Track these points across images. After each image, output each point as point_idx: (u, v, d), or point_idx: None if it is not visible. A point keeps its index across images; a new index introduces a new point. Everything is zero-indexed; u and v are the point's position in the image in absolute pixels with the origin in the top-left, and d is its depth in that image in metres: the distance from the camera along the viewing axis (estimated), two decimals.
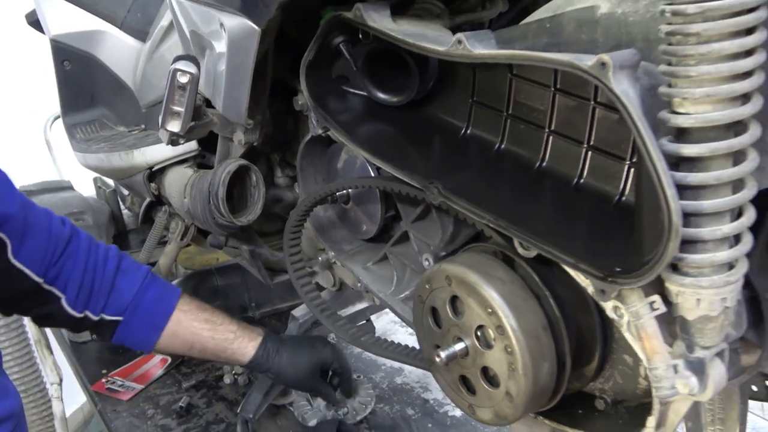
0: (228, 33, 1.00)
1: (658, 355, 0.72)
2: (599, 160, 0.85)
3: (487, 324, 0.85)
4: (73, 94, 2.01)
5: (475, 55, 0.80)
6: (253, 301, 2.06)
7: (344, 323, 1.27)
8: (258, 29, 0.96)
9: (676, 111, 0.65)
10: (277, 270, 1.56)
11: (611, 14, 0.79)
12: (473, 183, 0.91)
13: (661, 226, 0.66)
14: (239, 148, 1.33)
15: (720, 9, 0.60)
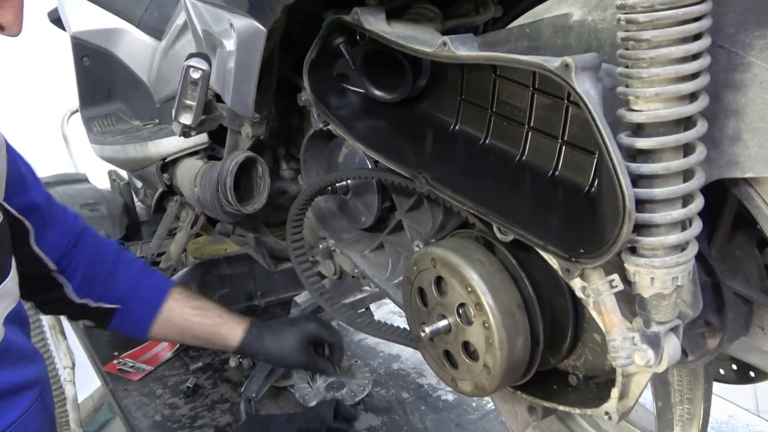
0: (237, 33, 1.08)
1: (615, 328, 0.80)
2: (572, 154, 0.93)
3: (467, 302, 0.93)
4: (91, 89, 2.11)
5: (458, 56, 0.88)
6: (259, 290, 2.15)
7: (341, 306, 1.35)
8: (264, 30, 1.05)
9: (631, 108, 0.73)
10: (280, 258, 1.64)
11: (583, 21, 0.87)
12: (459, 174, 0.99)
13: (617, 211, 0.74)
14: (247, 141, 1.42)
15: (668, 18, 0.68)
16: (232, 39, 1.11)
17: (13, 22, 0.93)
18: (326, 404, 1.52)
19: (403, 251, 1.28)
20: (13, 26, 0.93)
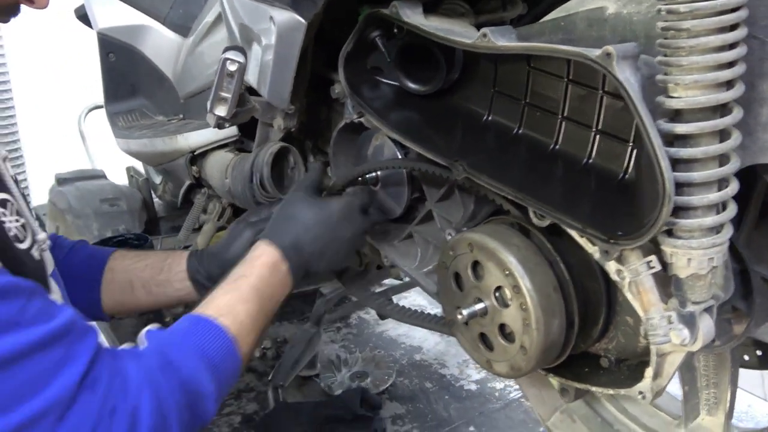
0: (277, 26, 1.12)
1: (653, 307, 0.83)
2: (605, 142, 0.96)
3: (504, 285, 0.97)
4: (116, 85, 2.15)
5: (498, 47, 0.91)
6: None
7: (372, 294, 1.38)
8: (305, 22, 1.08)
9: (670, 95, 0.77)
10: None
11: (618, 14, 0.90)
12: (494, 162, 1.03)
13: (656, 195, 0.77)
14: (278, 133, 1.45)
15: (707, 8, 0.71)
16: (272, 32, 1.15)
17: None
18: (353, 392, 1.55)
19: (432, 240, 1.31)
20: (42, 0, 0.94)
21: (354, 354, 1.80)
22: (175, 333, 0.96)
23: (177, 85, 2.04)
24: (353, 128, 1.37)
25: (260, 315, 1.06)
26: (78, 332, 0.81)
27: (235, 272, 1.10)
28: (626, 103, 0.79)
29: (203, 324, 0.98)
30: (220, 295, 1.05)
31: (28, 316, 0.76)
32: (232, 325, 0.99)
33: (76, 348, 0.79)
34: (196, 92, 1.93)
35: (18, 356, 0.74)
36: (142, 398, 0.83)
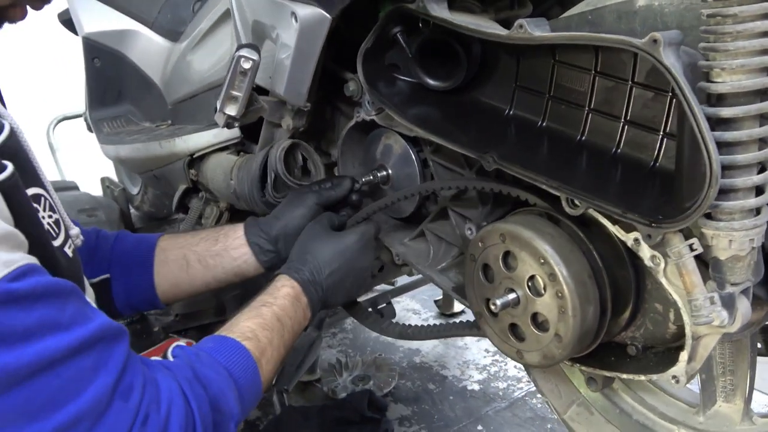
0: (300, 21, 1.12)
1: (697, 288, 0.85)
2: (634, 132, 0.98)
3: (538, 273, 0.98)
4: (102, 90, 2.11)
5: (535, 37, 0.93)
6: None
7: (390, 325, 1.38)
8: (329, 17, 1.09)
9: (714, 81, 0.79)
10: None
11: (648, 6, 0.93)
12: (523, 153, 1.04)
13: (701, 177, 0.79)
14: (284, 133, 1.44)
15: None
16: (293, 28, 1.14)
17: None
18: (359, 395, 1.55)
19: (444, 237, 1.32)
20: None
21: (354, 358, 1.79)
22: (203, 350, 0.94)
23: (165, 91, 2.02)
24: (362, 128, 1.37)
25: (281, 345, 1.06)
26: (111, 336, 0.79)
27: (258, 300, 1.10)
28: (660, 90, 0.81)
29: (230, 344, 0.97)
30: (244, 320, 1.04)
31: (67, 318, 0.74)
32: (255, 350, 0.99)
33: (109, 353, 0.78)
34: (185, 98, 1.92)
35: (56, 360, 0.71)
36: (172, 410, 0.82)
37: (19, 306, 0.69)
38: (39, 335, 0.70)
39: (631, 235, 0.93)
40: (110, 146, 1.99)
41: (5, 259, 0.70)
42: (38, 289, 0.72)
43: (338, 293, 1.22)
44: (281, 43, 1.21)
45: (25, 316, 0.70)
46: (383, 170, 1.37)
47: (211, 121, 1.77)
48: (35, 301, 0.71)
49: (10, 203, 0.75)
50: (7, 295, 0.68)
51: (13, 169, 0.77)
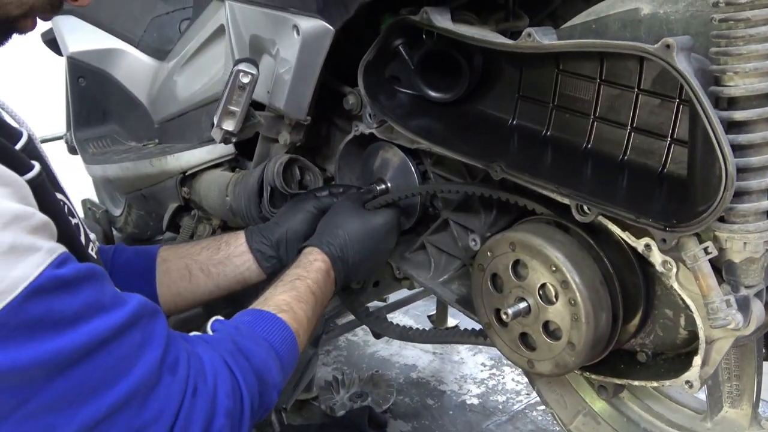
0: (302, 34, 1.11)
1: (713, 291, 0.85)
2: (641, 139, 0.99)
3: (550, 281, 0.98)
4: (86, 110, 2.09)
5: (544, 46, 0.94)
6: None
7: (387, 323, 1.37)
8: (333, 29, 1.09)
9: (726, 84, 0.80)
10: None
11: (654, 14, 0.94)
12: (530, 162, 1.04)
13: (716, 180, 0.80)
14: (282, 148, 1.43)
15: None
16: (294, 41, 1.14)
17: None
18: (359, 412, 1.53)
19: (446, 249, 1.31)
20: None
21: (350, 374, 1.77)
22: (242, 323, 0.96)
23: (151, 110, 2.00)
24: (359, 141, 1.37)
25: (313, 317, 1.08)
26: (150, 312, 0.81)
27: (291, 273, 1.12)
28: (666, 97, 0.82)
29: (267, 317, 0.99)
30: (279, 293, 1.06)
31: (108, 299, 0.76)
32: (292, 321, 1.01)
33: (151, 330, 0.79)
34: (173, 116, 1.90)
35: (106, 339, 0.73)
36: (218, 380, 0.83)
37: (68, 291, 0.71)
38: (87, 317, 0.72)
39: (642, 241, 0.94)
40: (96, 166, 1.96)
41: (48, 247, 0.71)
42: (80, 273, 0.73)
43: (360, 271, 1.24)
44: (281, 57, 1.21)
45: (73, 299, 0.71)
46: (382, 183, 1.36)
47: (201, 139, 1.76)
48: (79, 285, 0.72)
49: (40, 201, 0.76)
50: (57, 280, 0.70)
51: (41, 168, 0.79)
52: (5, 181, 0.70)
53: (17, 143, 0.83)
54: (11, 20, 0.85)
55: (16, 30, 0.88)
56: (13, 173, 0.72)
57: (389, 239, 1.27)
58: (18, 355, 0.67)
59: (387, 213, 1.27)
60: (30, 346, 0.67)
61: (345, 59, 1.24)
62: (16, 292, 0.66)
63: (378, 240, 1.24)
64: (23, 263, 0.68)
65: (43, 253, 0.70)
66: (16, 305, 0.66)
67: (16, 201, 0.70)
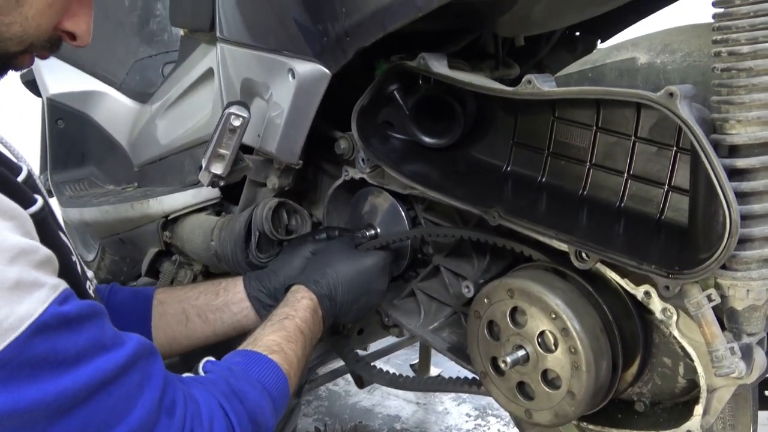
0: (298, 77, 1.11)
1: (717, 339, 0.85)
2: (638, 187, 0.99)
3: (550, 329, 0.96)
4: (64, 153, 2.06)
5: (545, 93, 0.94)
6: None
7: (378, 370, 1.35)
8: (329, 73, 1.08)
9: (728, 132, 0.81)
10: None
11: (651, 64, 0.95)
12: (526, 208, 1.04)
13: (720, 228, 0.80)
14: (269, 192, 1.42)
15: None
16: (289, 84, 1.14)
17: (86, 32, 0.91)
18: None
19: (437, 296, 1.30)
20: (86, 36, 0.92)
21: (333, 425, 1.72)
22: (234, 364, 0.95)
23: (131, 153, 1.98)
24: (349, 186, 1.36)
25: (303, 357, 1.07)
26: (148, 354, 0.80)
27: (279, 312, 1.11)
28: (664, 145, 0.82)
29: (259, 358, 0.98)
30: (268, 333, 1.05)
31: (109, 338, 0.75)
32: (283, 362, 0.99)
33: (149, 370, 0.78)
34: (154, 160, 1.88)
35: (108, 380, 0.72)
36: (214, 423, 0.83)
37: (71, 329, 0.70)
38: (89, 357, 0.71)
39: (641, 288, 0.93)
40: (73, 209, 1.92)
41: (52, 282, 0.70)
42: (83, 311, 0.72)
43: (350, 312, 1.22)
44: (274, 101, 1.20)
45: (77, 338, 0.71)
46: (371, 229, 1.35)
47: (183, 183, 1.73)
48: (82, 323, 0.72)
49: (42, 235, 0.75)
50: (60, 318, 0.69)
51: (44, 203, 0.78)
52: (10, 214, 0.69)
53: (18, 177, 0.82)
54: (9, 56, 0.84)
55: (13, 66, 0.87)
56: (17, 206, 0.71)
57: (380, 281, 1.25)
58: (20, 397, 0.65)
59: (378, 254, 1.27)
60: (32, 387, 0.66)
61: (335, 103, 1.23)
62: (22, 328, 0.65)
63: (368, 281, 1.23)
64: (28, 299, 0.66)
65: (48, 289, 0.69)
66: (21, 343, 0.65)
67: (21, 234, 0.69)
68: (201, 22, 1.40)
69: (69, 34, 0.90)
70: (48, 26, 0.87)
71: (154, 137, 1.83)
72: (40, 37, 0.86)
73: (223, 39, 1.34)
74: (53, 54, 0.89)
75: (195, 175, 1.64)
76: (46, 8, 0.85)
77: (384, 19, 0.98)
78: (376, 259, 1.25)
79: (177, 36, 2.05)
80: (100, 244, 2.45)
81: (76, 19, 0.90)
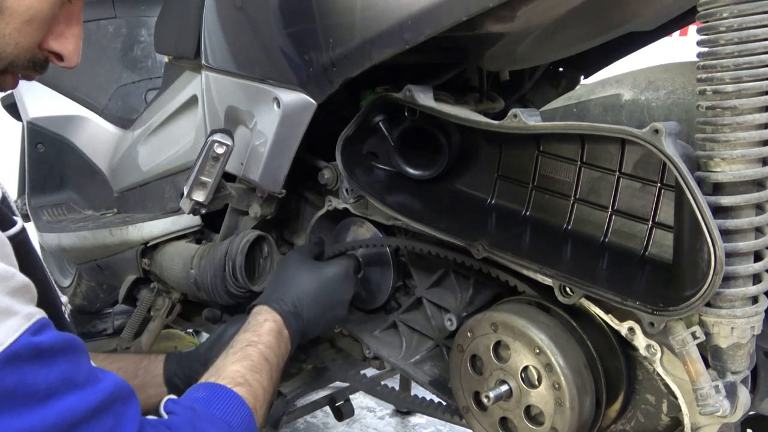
0: (283, 106, 1.10)
1: (702, 377, 0.84)
2: (622, 222, 0.99)
3: (534, 364, 0.95)
4: (43, 177, 2.03)
5: (530, 127, 0.94)
6: None
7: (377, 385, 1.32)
8: (315, 103, 1.08)
9: (712, 170, 0.81)
10: None
11: (635, 100, 0.96)
12: (510, 241, 1.03)
13: (705, 265, 0.80)
14: (250, 222, 1.40)
15: (753, 88, 0.77)
16: (274, 113, 1.13)
17: (73, 53, 0.89)
18: None
19: (419, 329, 1.29)
20: (73, 57, 0.89)
21: None
22: (197, 402, 0.90)
23: (111, 179, 1.96)
24: (332, 216, 1.35)
25: (270, 386, 1.02)
26: (126, 396, 0.76)
27: (241, 338, 1.06)
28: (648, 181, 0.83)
29: (223, 393, 0.93)
30: (231, 362, 1.00)
31: (83, 375, 0.71)
32: (248, 396, 0.95)
33: (124, 415, 0.74)
34: (134, 186, 1.86)
35: (78, 422, 0.68)
36: None
37: (42, 362, 0.67)
38: (60, 394, 0.67)
39: (625, 324, 0.93)
40: (51, 234, 1.89)
41: (26, 311, 0.67)
42: (57, 343, 0.69)
43: (318, 326, 1.18)
44: (258, 130, 1.20)
45: (48, 372, 0.67)
46: (353, 259, 1.34)
47: (164, 210, 1.71)
48: (55, 356, 0.68)
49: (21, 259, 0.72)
50: (32, 349, 0.66)
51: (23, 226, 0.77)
52: None
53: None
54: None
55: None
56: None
57: (345, 289, 1.22)
58: None
59: (340, 262, 1.24)
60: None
61: (318, 133, 1.23)
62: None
63: (333, 291, 1.19)
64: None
65: (20, 318, 0.66)
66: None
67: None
68: (186, 50, 1.40)
69: (55, 54, 0.88)
70: (28, 45, 0.84)
71: (135, 163, 1.82)
72: (21, 55, 0.83)
73: (208, 66, 1.33)
74: (40, 75, 0.87)
75: (175, 202, 1.63)
76: (23, 25, 0.82)
77: (371, 50, 0.98)
78: (338, 268, 1.22)
79: (161, 62, 2.05)
80: (77, 269, 2.41)
81: (62, 39, 0.88)
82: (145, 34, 2.05)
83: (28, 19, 0.82)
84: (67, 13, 0.88)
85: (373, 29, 0.96)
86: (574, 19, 1.07)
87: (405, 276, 1.31)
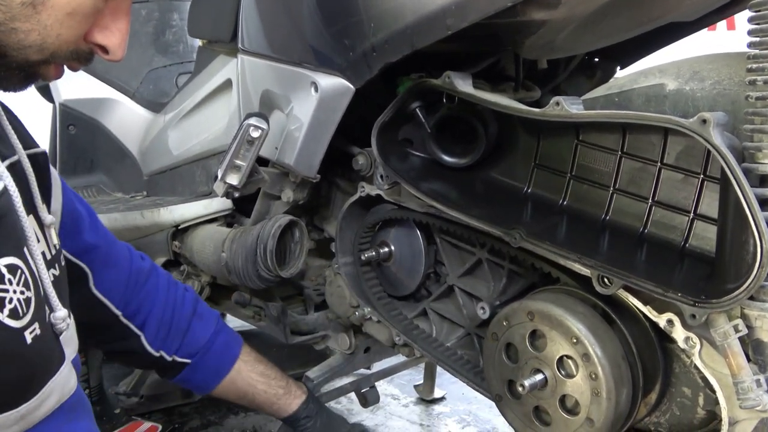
0: (321, 91, 1.10)
1: (743, 370, 0.83)
2: (662, 213, 0.98)
3: (571, 354, 0.95)
4: (74, 159, 2.05)
5: (572, 115, 0.94)
6: None
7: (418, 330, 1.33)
8: (353, 88, 1.08)
9: (760, 162, 0.80)
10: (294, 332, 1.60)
11: (679, 90, 0.95)
12: (547, 231, 1.03)
13: (751, 258, 0.79)
14: (282, 206, 1.41)
15: None
16: (311, 98, 1.13)
17: (118, 47, 0.87)
18: None
19: (449, 317, 1.29)
20: (118, 51, 0.88)
21: None
22: None
23: (142, 162, 1.97)
24: (363, 203, 1.35)
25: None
26: None
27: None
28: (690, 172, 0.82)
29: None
30: None
31: None
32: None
33: None
34: (164, 169, 1.87)
35: None
36: None
37: None
38: None
39: (664, 316, 0.92)
40: None
41: None
42: None
43: None
44: (294, 114, 1.20)
45: None
46: (385, 246, 1.34)
47: (194, 193, 1.72)
48: None
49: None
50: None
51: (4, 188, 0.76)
52: None
53: None
54: (31, 65, 0.81)
55: (37, 76, 0.84)
56: None
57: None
58: None
59: None
60: None
61: (350, 119, 1.23)
62: None
63: None
64: None
65: None
66: None
67: None
68: (222, 33, 1.40)
69: (100, 47, 0.87)
70: (71, 37, 0.83)
71: (166, 147, 1.83)
72: (63, 47, 0.82)
73: (244, 50, 1.33)
74: (85, 66, 0.87)
75: (206, 186, 1.63)
76: (65, 18, 0.80)
77: (412, 36, 0.98)
78: None
79: (192, 47, 2.06)
80: None
81: (107, 32, 0.86)
82: (177, 19, 2.06)
83: (69, 11, 0.80)
84: (114, 7, 0.86)
85: (416, 14, 0.95)
86: (617, 8, 1.05)
87: (436, 263, 1.31)
